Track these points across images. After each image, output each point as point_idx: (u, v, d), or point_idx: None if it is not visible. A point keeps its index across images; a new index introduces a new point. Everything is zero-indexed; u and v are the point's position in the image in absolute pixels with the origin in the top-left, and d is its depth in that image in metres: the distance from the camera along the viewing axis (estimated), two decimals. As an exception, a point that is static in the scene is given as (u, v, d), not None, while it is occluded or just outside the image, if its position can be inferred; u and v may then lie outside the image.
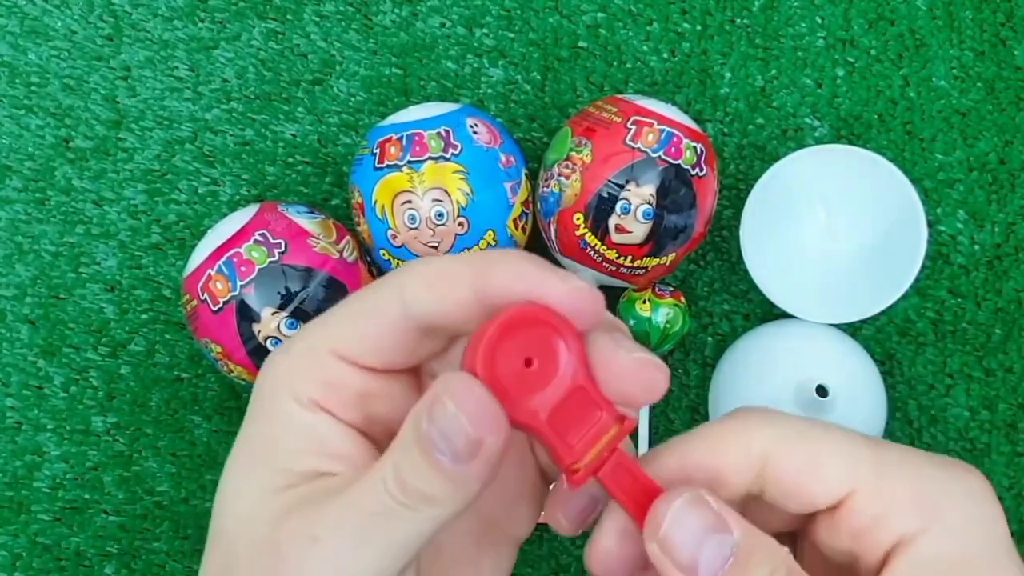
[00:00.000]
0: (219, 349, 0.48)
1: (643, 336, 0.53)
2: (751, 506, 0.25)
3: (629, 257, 0.50)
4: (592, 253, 0.50)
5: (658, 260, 0.50)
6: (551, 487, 0.27)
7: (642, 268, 0.51)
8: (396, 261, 0.50)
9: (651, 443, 0.56)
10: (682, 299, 0.54)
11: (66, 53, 0.56)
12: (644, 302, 0.53)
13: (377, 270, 0.53)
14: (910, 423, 0.56)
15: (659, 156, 0.48)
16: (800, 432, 0.23)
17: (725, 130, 0.57)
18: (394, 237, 0.49)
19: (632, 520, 0.23)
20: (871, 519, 0.23)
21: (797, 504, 0.23)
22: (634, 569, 0.24)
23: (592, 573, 0.24)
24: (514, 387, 0.22)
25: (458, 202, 0.48)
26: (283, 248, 0.48)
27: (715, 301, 0.57)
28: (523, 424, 0.22)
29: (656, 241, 0.49)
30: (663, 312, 0.52)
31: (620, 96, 0.52)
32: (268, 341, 0.47)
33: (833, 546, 0.24)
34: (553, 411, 0.22)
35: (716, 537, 0.22)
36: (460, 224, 0.48)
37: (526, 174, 0.52)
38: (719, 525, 0.22)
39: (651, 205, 0.48)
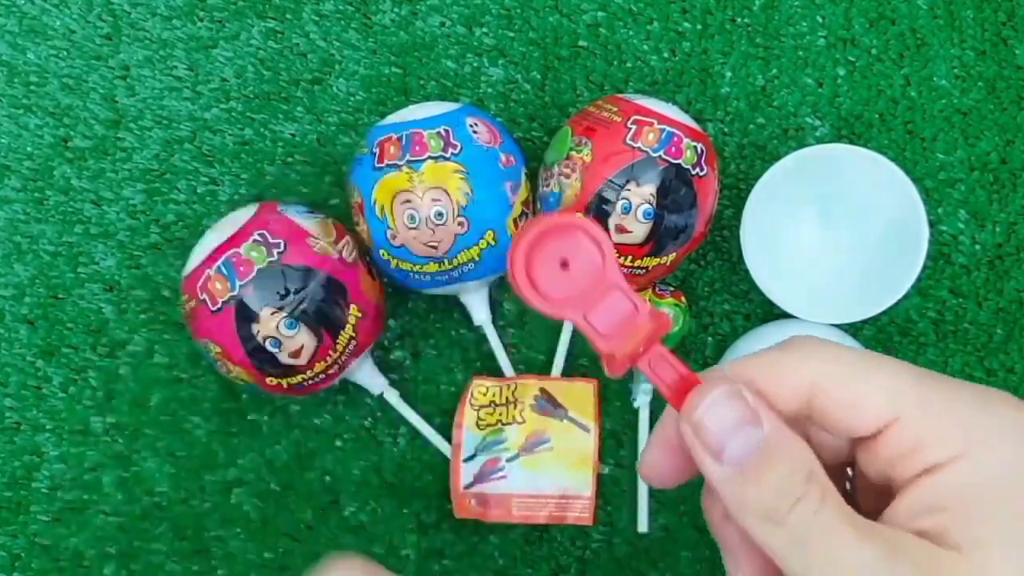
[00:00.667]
0: (218, 349, 0.48)
1: (643, 336, 0.53)
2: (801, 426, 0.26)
3: (629, 257, 0.50)
4: (592, 253, 0.50)
5: (658, 260, 0.50)
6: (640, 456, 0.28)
7: (642, 268, 0.50)
8: (395, 261, 0.50)
9: (651, 443, 0.56)
10: (682, 299, 0.54)
11: (65, 52, 0.56)
12: (644, 302, 0.52)
13: (377, 270, 0.52)
14: (911, 423, 0.56)
15: (659, 156, 0.48)
16: (849, 365, 0.24)
17: (726, 129, 0.57)
18: (393, 237, 0.49)
19: (674, 410, 0.25)
20: (908, 447, 0.23)
21: (838, 432, 0.24)
22: (678, 475, 0.26)
23: (643, 478, 0.27)
24: (552, 286, 0.25)
25: (458, 202, 0.48)
26: (282, 248, 0.48)
27: (715, 301, 0.57)
28: (563, 318, 0.25)
29: (656, 241, 0.49)
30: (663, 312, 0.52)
31: (620, 95, 0.52)
32: (267, 341, 0.47)
33: (870, 471, 0.25)
34: (590, 307, 0.25)
35: (747, 429, 0.23)
36: (460, 224, 0.48)
37: (526, 174, 0.52)
38: (752, 419, 0.23)
39: (651, 205, 0.48)
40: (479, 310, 0.53)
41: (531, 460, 0.53)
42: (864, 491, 0.27)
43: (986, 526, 0.22)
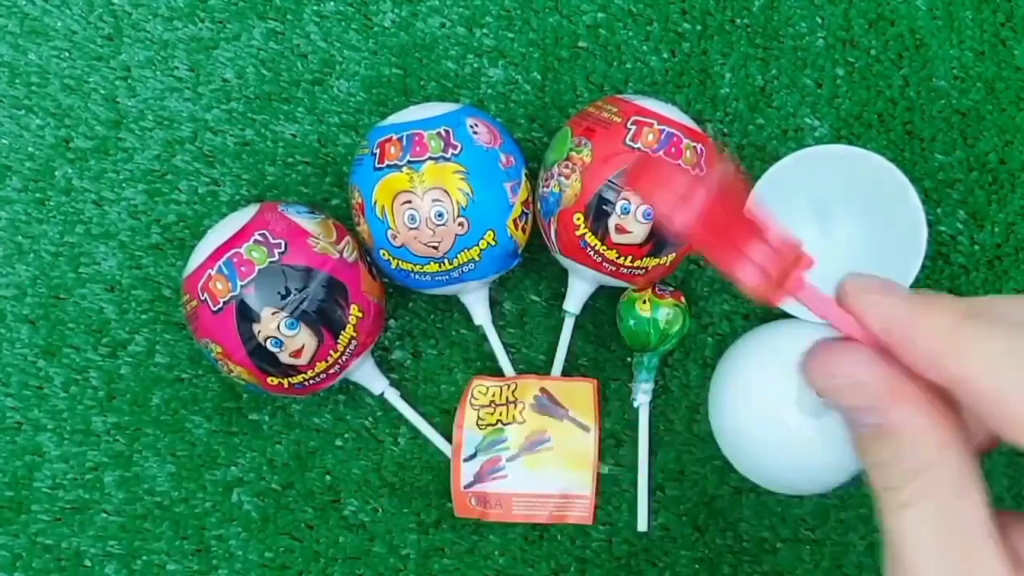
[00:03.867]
0: (219, 349, 0.48)
1: (643, 336, 0.53)
2: None
3: (629, 257, 0.50)
4: (592, 253, 0.50)
5: (658, 260, 0.50)
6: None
7: (642, 268, 0.51)
8: (396, 261, 0.50)
9: (651, 443, 0.56)
10: (682, 299, 0.54)
11: (66, 53, 0.56)
12: (644, 302, 0.53)
13: (377, 270, 0.53)
14: (910, 423, 0.56)
15: (659, 156, 0.48)
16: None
17: (725, 130, 0.57)
18: (394, 237, 0.49)
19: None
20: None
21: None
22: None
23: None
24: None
25: (458, 202, 0.48)
26: (283, 248, 0.48)
27: (715, 301, 0.57)
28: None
29: (656, 241, 0.49)
30: (663, 312, 0.52)
31: (620, 96, 0.52)
32: (268, 341, 0.47)
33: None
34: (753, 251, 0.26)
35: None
36: (460, 224, 0.48)
37: (526, 174, 0.52)
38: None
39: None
40: (479, 310, 0.54)
41: (531, 460, 0.53)
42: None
43: None
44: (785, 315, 0.53)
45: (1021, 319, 0.22)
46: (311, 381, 0.49)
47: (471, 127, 0.50)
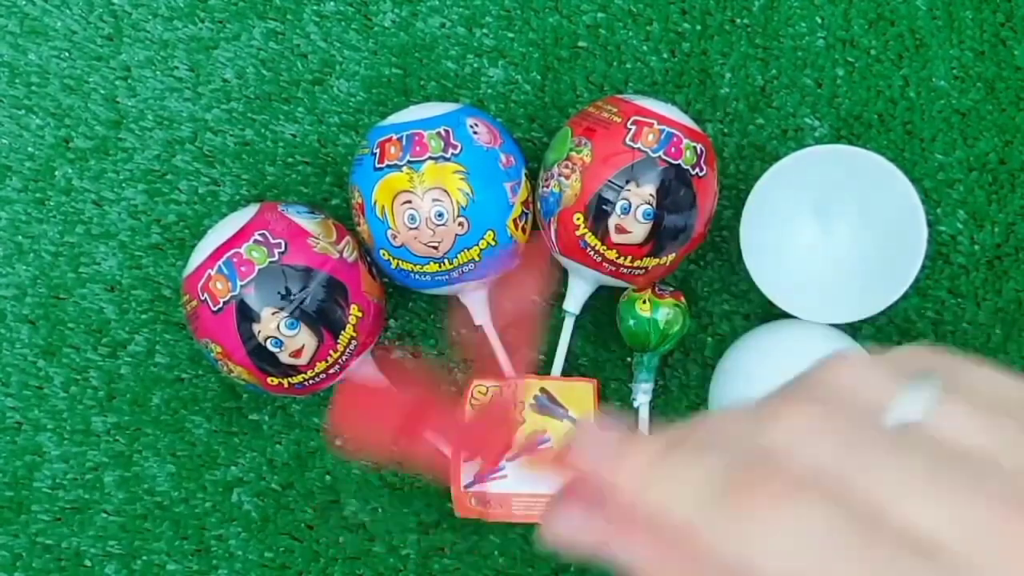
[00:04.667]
0: (219, 349, 0.48)
1: (643, 336, 0.53)
2: None
3: (629, 257, 0.50)
4: (592, 253, 0.50)
5: (658, 260, 0.50)
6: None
7: (642, 268, 0.51)
8: (396, 261, 0.50)
9: (651, 443, 0.56)
10: (682, 299, 0.54)
11: (66, 53, 0.56)
12: (644, 302, 0.53)
13: (377, 270, 0.53)
14: (910, 423, 0.56)
15: (659, 156, 0.48)
16: None
17: (725, 130, 0.57)
18: (394, 237, 0.49)
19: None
20: None
21: None
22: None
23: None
24: None
25: (458, 202, 0.48)
26: (283, 248, 0.48)
27: (715, 301, 0.57)
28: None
29: (656, 241, 0.49)
30: (663, 312, 0.52)
31: (620, 96, 0.52)
32: (268, 341, 0.47)
33: None
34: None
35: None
36: (460, 224, 0.48)
37: (526, 174, 0.52)
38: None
39: (651, 205, 0.48)
40: (479, 310, 0.54)
41: (531, 460, 0.53)
42: None
43: None
44: (785, 315, 0.54)
45: (714, 441, 0.22)
46: (311, 381, 0.49)
47: (471, 127, 0.50)
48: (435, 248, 0.49)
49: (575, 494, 0.25)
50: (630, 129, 0.49)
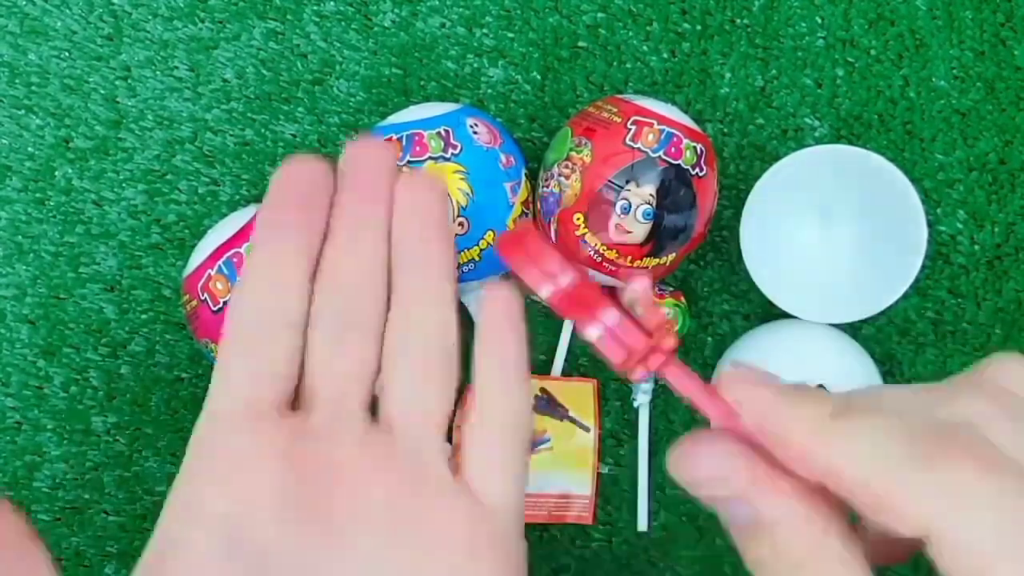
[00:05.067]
0: (219, 349, 0.48)
1: (643, 336, 0.53)
2: None
3: (629, 257, 0.50)
4: (592, 253, 0.50)
5: (658, 260, 0.50)
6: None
7: (642, 268, 0.51)
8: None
9: (651, 443, 0.56)
10: (682, 299, 0.54)
11: (66, 53, 0.56)
12: (644, 302, 0.53)
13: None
14: (910, 423, 0.56)
15: (659, 156, 0.48)
16: (896, 464, 0.21)
17: (725, 130, 0.57)
18: (394, 237, 0.49)
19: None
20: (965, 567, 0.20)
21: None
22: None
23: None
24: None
25: (458, 202, 0.48)
26: (283, 248, 0.48)
27: (715, 301, 0.57)
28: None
29: (656, 241, 0.49)
30: (663, 312, 0.52)
31: (620, 96, 0.52)
32: (268, 341, 0.47)
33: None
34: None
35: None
36: (460, 224, 0.48)
37: (526, 174, 0.52)
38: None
39: (651, 205, 0.48)
40: (479, 310, 0.53)
41: (531, 460, 0.53)
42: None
43: None
44: (785, 315, 0.54)
45: (889, 408, 0.22)
46: (311, 381, 0.49)
47: (471, 127, 0.50)
48: (435, 248, 0.49)
49: (721, 439, 0.23)
50: (630, 129, 0.49)
